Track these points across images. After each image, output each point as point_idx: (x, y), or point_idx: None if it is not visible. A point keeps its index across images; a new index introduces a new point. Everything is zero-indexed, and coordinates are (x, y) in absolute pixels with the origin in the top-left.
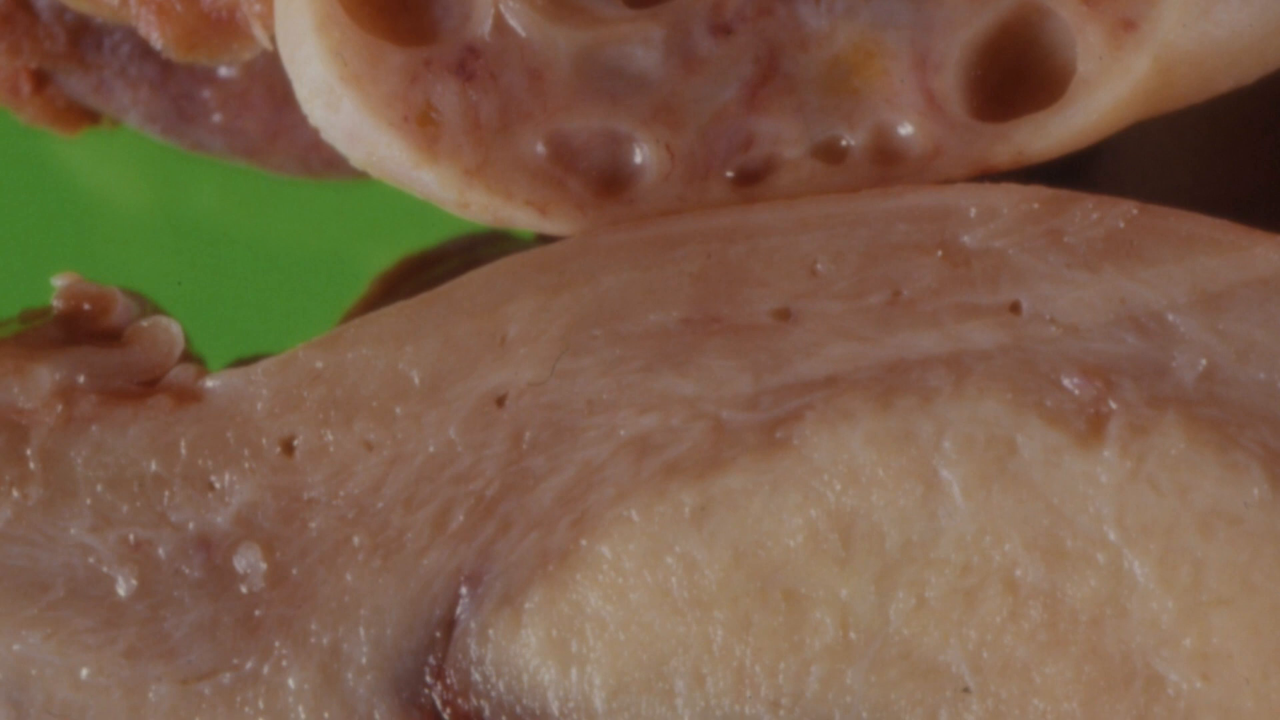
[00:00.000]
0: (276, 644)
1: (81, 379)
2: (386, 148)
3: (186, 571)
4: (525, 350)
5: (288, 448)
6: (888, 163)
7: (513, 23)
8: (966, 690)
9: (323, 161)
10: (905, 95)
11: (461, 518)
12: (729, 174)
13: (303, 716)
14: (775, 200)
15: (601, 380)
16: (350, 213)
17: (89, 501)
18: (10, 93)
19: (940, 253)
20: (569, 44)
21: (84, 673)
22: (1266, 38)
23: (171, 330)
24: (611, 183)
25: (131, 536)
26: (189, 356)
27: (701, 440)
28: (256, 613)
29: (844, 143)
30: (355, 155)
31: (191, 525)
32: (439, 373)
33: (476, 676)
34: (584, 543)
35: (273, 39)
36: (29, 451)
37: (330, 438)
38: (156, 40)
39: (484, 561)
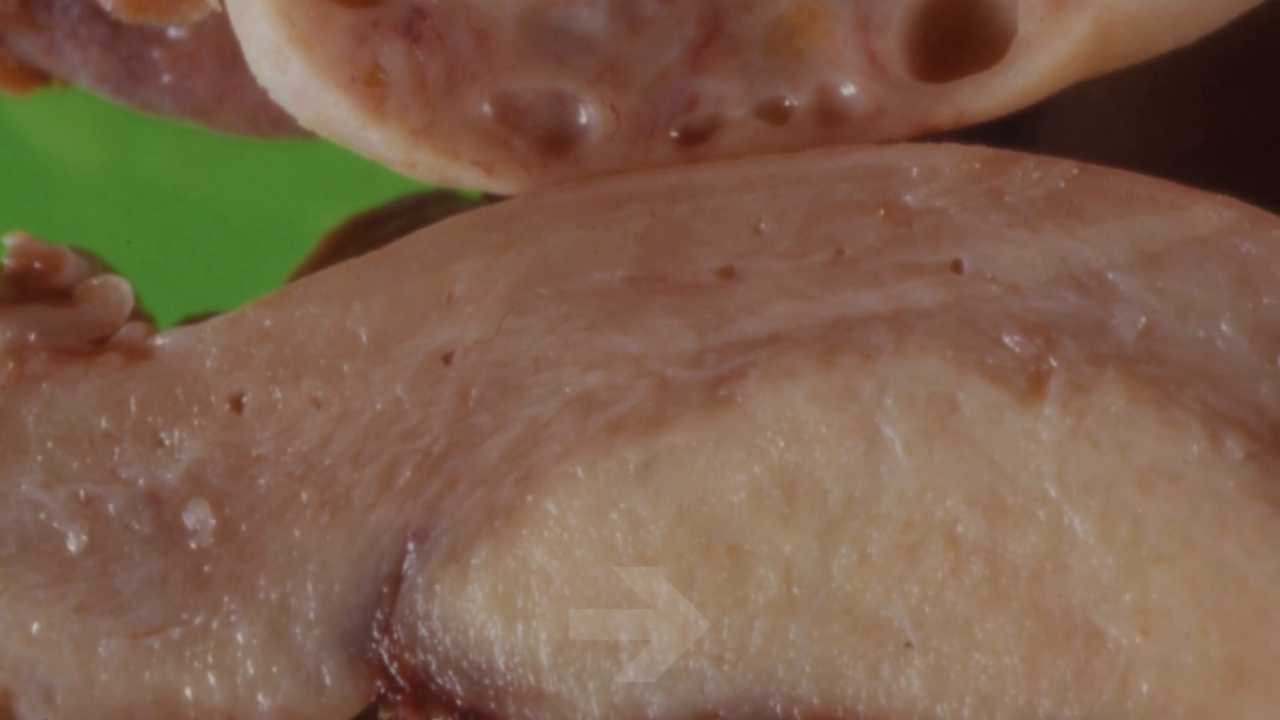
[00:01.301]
0: (225, 599)
1: (32, 337)
2: (334, 108)
3: (136, 527)
4: (472, 308)
5: (236, 405)
6: (830, 123)
7: None
8: (909, 645)
9: (271, 121)
10: (848, 56)
11: (408, 474)
12: (673, 134)
13: (251, 671)
14: (719, 160)
15: (547, 338)
16: (298, 172)
17: (40, 458)
18: None
19: (882, 212)
20: (514, 5)
21: (35, 627)
22: None
23: (121, 289)
24: (557, 142)
25: (82, 492)
26: (139, 315)
27: (646, 398)
28: (205, 568)
29: (787, 103)
30: (303, 115)
31: (141, 481)
32: (386, 331)
33: (423, 631)
34: (530, 499)
35: (221, 0)
36: None
37: (278, 395)
38: (106, 2)
39: (431, 517)
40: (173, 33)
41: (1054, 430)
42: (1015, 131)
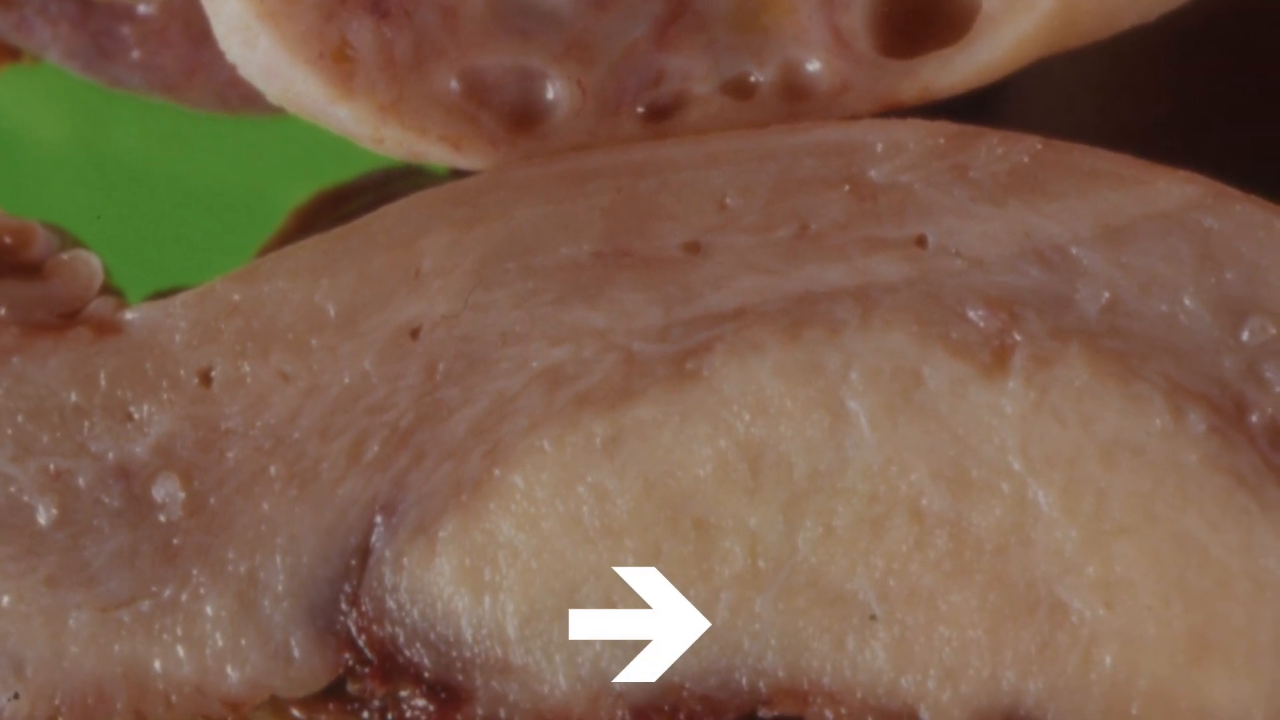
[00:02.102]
0: (194, 572)
1: (2, 311)
2: (302, 84)
3: (106, 500)
4: (439, 283)
5: (205, 379)
6: (796, 99)
7: None
8: (873, 617)
9: (240, 97)
10: (813, 32)
11: (376, 448)
12: (640, 110)
13: (220, 643)
14: (685, 136)
15: (514, 313)
16: (267, 148)
17: (10, 431)
18: None
19: (847, 187)
20: None
21: (5, 600)
22: None
23: (91, 263)
24: (524, 118)
25: (52, 466)
26: (108, 289)
27: (613, 371)
28: (175, 541)
29: (753, 79)
30: (272, 91)
31: (110, 455)
32: (354, 305)
33: (391, 604)
34: (497, 472)
35: None
36: None
37: (247, 369)
38: None
39: (398, 491)
40: (142, 9)
41: (1018, 404)
42: (980, 107)
